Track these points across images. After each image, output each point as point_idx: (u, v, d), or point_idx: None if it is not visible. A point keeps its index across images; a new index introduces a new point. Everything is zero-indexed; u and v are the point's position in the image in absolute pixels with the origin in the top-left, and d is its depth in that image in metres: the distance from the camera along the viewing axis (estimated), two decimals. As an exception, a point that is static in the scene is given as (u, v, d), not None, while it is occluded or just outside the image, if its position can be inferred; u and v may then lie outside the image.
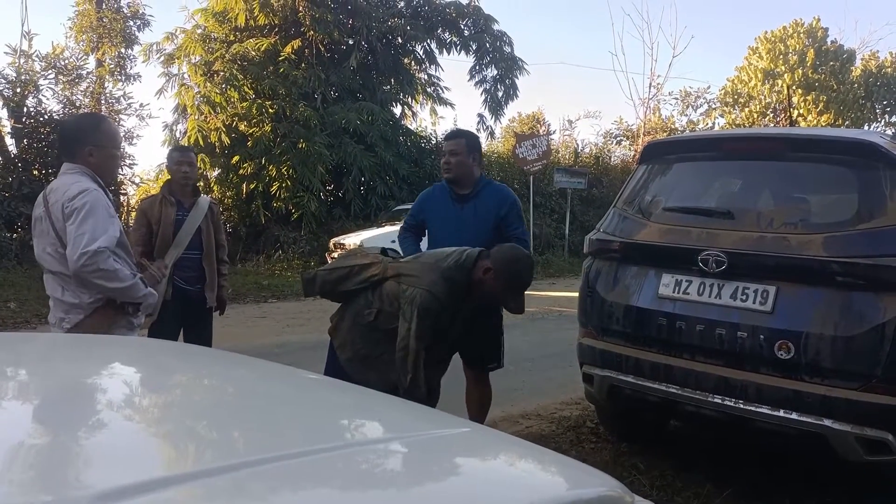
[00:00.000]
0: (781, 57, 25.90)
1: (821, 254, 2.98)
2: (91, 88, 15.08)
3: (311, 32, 15.96)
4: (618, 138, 26.35)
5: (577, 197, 19.23)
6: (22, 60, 14.65)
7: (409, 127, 19.04)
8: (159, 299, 3.93)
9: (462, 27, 18.68)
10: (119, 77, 16.99)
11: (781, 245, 3.09)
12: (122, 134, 14.40)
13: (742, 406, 3.05)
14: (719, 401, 3.11)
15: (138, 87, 50.72)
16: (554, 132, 24.46)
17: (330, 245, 14.07)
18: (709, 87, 31.89)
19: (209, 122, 15.53)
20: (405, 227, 3.98)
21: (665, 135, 21.74)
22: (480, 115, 19.23)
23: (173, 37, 16.66)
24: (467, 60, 19.08)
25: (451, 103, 19.59)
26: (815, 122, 24.79)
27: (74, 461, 0.97)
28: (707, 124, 27.53)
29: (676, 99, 28.02)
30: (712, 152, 3.83)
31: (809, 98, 25.15)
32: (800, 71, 25.23)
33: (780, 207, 3.35)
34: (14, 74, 13.76)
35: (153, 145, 60.52)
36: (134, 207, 15.19)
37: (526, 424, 4.64)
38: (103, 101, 15.37)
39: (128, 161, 15.24)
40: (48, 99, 14.17)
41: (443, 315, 2.89)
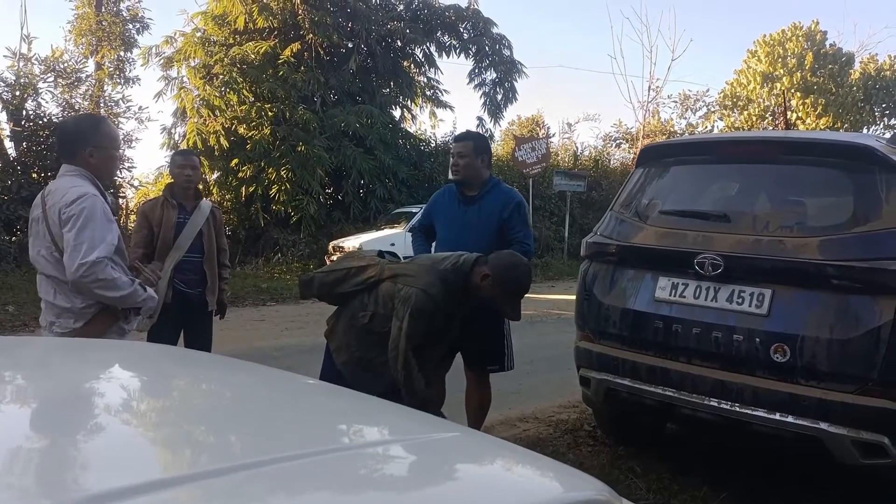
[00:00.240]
0: (780, 60, 25.93)
1: (816, 257, 2.99)
2: (90, 92, 15.12)
3: (310, 35, 15.98)
4: (617, 141, 26.43)
5: (576, 200, 19.25)
6: (21, 64, 14.72)
7: (408, 130, 19.10)
8: (159, 302, 3.95)
9: (461, 30, 18.74)
10: (118, 80, 17.10)
11: (777, 248, 3.10)
12: (121, 136, 14.40)
13: (738, 409, 3.05)
14: (715, 404, 3.12)
15: (137, 91, 50.69)
16: (553, 135, 24.58)
17: (329, 248, 14.08)
18: (708, 91, 32.03)
19: (208, 125, 15.53)
20: (416, 228, 4.05)
21: (664, 138, 21.76)
22: (480, 118, 19.30)
23: (172, 40, 16.71)
24: (466, 63, 19.18)
25: (451, 106, 19.67)
26: (814, 125, 24.81)
27: (72, 464, 0.98)
28: (706, 127, 27.57)
29: (676, 102, 28.09)
30: (708, 155, 3.84)
31: (808, 101, 25.19)
32: (798, 74, 25.27)
33: (776, 211, 3.36)
34: (13, 78, 13.79)
35: (152, 148, 60.80)
36: (133, 210, 15.22)
37: (523, 427, 4.64)
38: (102, 105, 15.39)
39: (126, 164, 15.28)
40: (47, 102, 14.24)
41: (437, 316, 2.90)
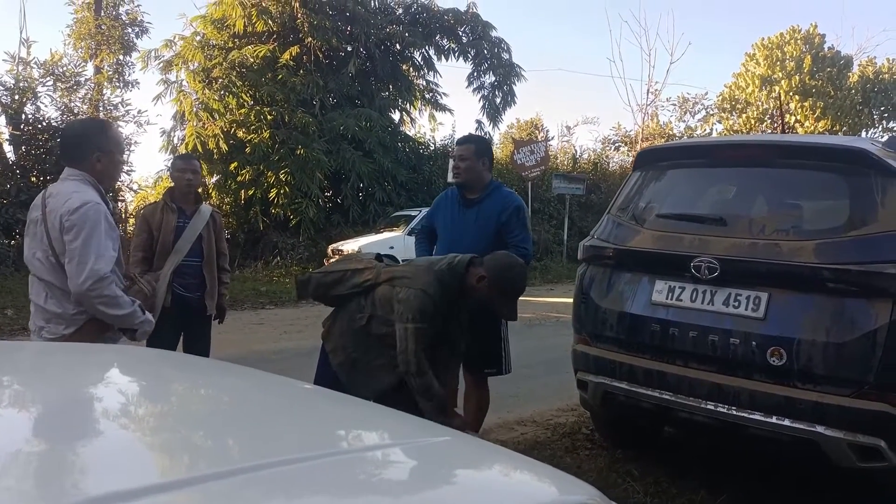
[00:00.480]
0: (778, 63, 25.93)
1: (812, 260, 3.00)
2: (89, 95, 15.10)
3: (309, 39, 16.01)
4: (616, 144, 26.48)
5: (575, 203, 19.27)
6: (20, 67, 14.72)
7: (407, 133, 19.13)
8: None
9: (460, 34, 18.77)
10: (117, 84, 17.10)
11: (773, 252, 3.11)
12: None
13: (735, 412, 3.06)
14: (712, 407, 3.13)
15: (136, 94, 50.50)
16: (552, 138, 24.66)
17: (328, 251, 14.09)
18: (706, 94, 31.96)
19: (207, 128, 15.54)
20: (419, 231, 4.10)
21: (663, 141, 21.80)
22: (478, 122, 19.33)
23: (171, 44, 16.70)
24: (465, 67, 19.21)
25: (450, 109, 19.70)
26: (813, 128, 24.82)
27: (70, 468, 0.99)
28: (705, 130, 27.59)
29: (674, 105, 28.15)
30: (705, 159, 3.86)
31: (807, 104, 25.18)
32: (797, 77, 25.27)
33: (773, 214, 3.37)
34: (12, 81, 13.79)
35: (151, 152, 60.75)
36: (132, 214, 15.24)
37: (521, 431, 4.64)
38: (101, 108, 15.37)
39: (126, 168, 15.26)
40: (46, 106, 14.22)
41: (436, 317, 2.90)
